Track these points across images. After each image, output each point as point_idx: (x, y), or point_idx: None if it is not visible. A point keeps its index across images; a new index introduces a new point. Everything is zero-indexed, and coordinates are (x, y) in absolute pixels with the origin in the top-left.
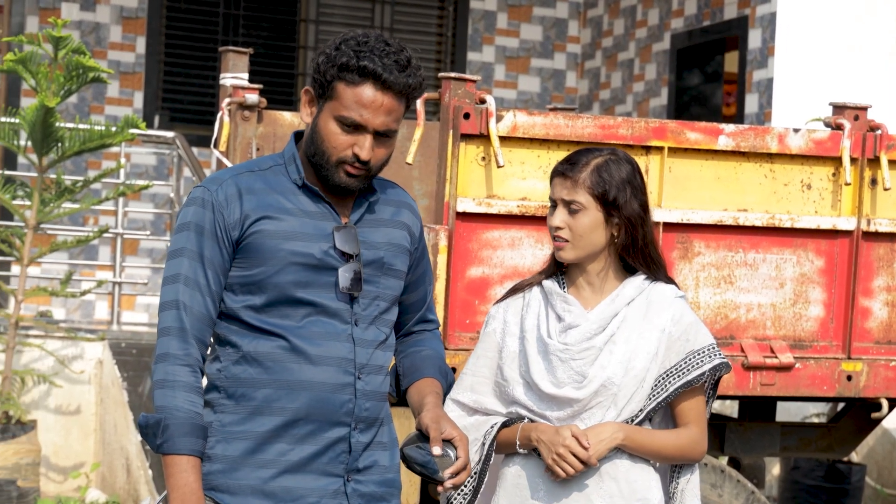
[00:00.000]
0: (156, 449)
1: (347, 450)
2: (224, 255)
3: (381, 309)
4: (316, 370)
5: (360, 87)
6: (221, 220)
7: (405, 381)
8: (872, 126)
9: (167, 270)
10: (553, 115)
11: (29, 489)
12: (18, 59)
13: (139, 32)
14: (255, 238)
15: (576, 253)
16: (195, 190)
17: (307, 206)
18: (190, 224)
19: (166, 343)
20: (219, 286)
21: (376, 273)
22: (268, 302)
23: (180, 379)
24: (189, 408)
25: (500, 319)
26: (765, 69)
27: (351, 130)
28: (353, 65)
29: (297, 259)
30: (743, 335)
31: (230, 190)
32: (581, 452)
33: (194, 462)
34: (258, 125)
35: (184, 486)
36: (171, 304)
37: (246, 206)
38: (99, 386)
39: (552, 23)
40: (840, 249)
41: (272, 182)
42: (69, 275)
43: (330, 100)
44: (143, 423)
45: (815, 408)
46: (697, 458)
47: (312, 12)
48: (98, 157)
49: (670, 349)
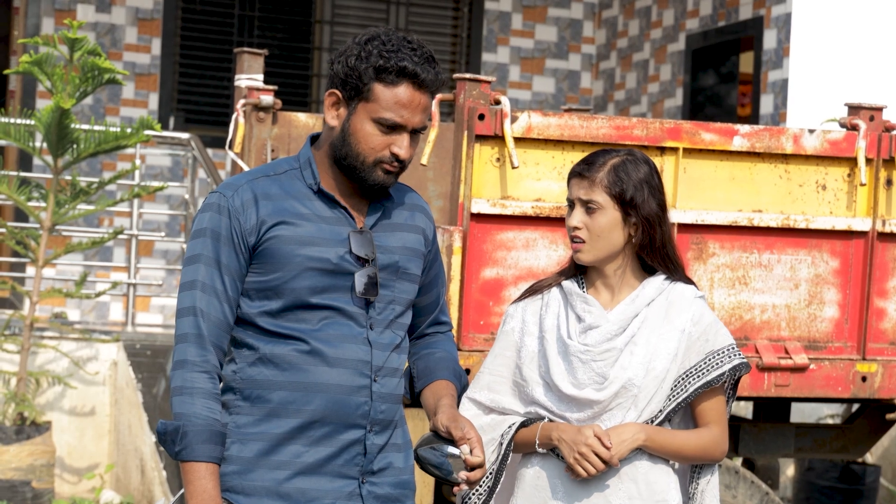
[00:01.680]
0: (174, 456)
1: (363, 452)
2: (241, 260)
3: (397, 313)
4: (332, 372)
5: (398, 87)
6: (238, 225)
7: (419, 383)
8: (888, 126)
9: (184, 276)
10: (568, 116)
11: (43, 490)
12: (34, 61)
13: (154, 34)
14: (272, 244)
15: (594, 254)
16: (211, 196)
17: (323, 212)
18: (206, 230)
19: (184, 350)
20: (236, 292)
21: (391, 277)
22: (284, 307)
23: (198, 386)
24: (207, 414)
25: (518, 318)
26: (780, 69)
27: (388, 131)
28: (391, 66)
29: (313, 264)
30: (757, 336)
31: (246, 196)
32: (603, 452)
33: (213, 469)
34: (273, 126)
35: (202, 492)
36: (189, 311)
37: (262, 211)
38: (113, 387)
39: (567, 23)
40: (855, 250)
41: (288, 187)
42: (84, 276)
43: (366, 101)
44: (161, 430)
45: (829, 409)
46: (719, 458)
47: (327, 13)
48: (113, 159)
49: (690, 349)
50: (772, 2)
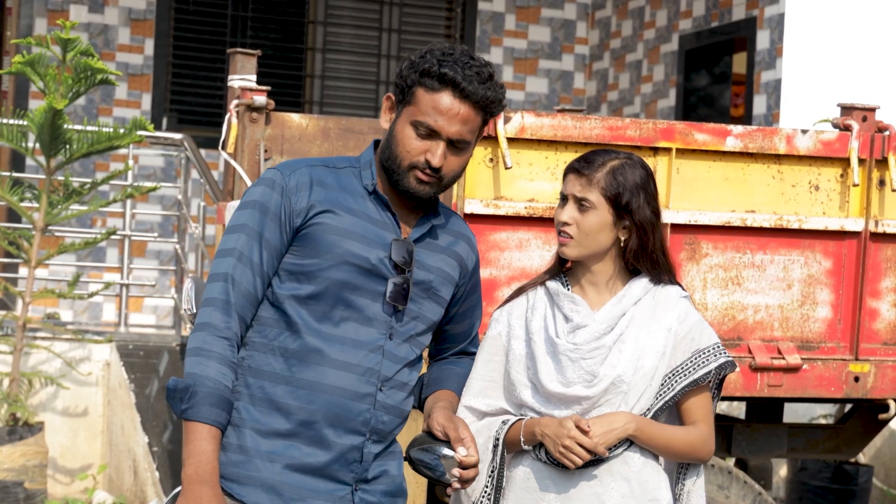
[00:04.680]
0: (179, 414)
1: (359, 459)
2: (283, 239)
3: (419, 330)
4: (338, 375)
5: (439, 93)
6: (288, 204)
7: (426, 390)
8: (881, 127)
9: (223, 244)
10: (561, 117)
11: (36, 491)
12: (27, 61)
13: (147, 34)
14: (316, 230)
15: (579, 251)
16: (268, 171)
17: (372, 212)
18: (256, 203)
19: (209, 313)
20: (271, 269)
21: (422, 294)
22: (313, 294)
23: (216, 350)
24: (219, 379)
25: (504, 323)
26: (773, 70)
27: (425, 136)
28: (434, 71)
29: (352, 259)
30: (750, 336)
31: (303, 178)
32: (587, 442)
33: (215, 432)
34: (266, 127)
35: (200, 453)
36: (221, 277)
37: (314, 196)
38: (106, 388)
39: (560, 24)
40: (848, 250)
41: (344, 181)
42: (77, 277)
43: (409, 105)
44: (171, 386)
45: (822, 409)
46: (706, 457)
47: (321, 14)
48: (106, 159)
49: (677, 348)
50: (765, 2)
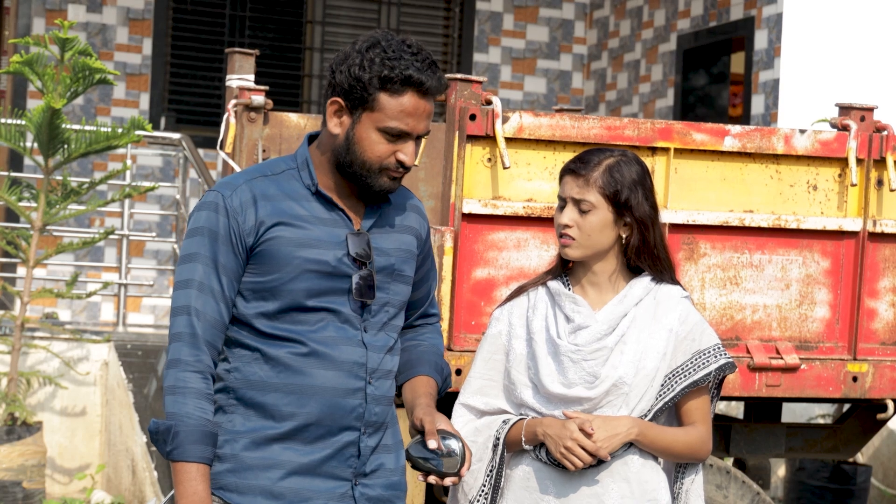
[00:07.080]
0: (166, 456)
1: (356, 454)
2: (238, 261)
3: (391, 315)
4: (328, 375)
5: (403, 96)
6: (236, 225)
7: (401, 377)
8: (879, 127)
9: (179, 275)
10: (559, 117)
11: (34, 490)
12: (25, 61)
13: (145, 34)
14: (271, 245)
15: (582, 251)
16: (208, 194)
17: (320, 213)
18: (203, 229)
19: (178, 349)
20: (232, 292)
21: (387, 279)
22: (280, 308)
23: (191, 385)
24: (199, 415)
25: (504, 322)
26: (771, 70)
27: (394, 139)
28: (395, 75)
29: (311, 266)
30: (748, 336)
31: (245, 196)
32: (589, 445)
33: (203, 470)
34: (264, 127)
35: (192, 494)
36: (183, 310)
37: (261, 212)
38: (104, 387)
39: (558, 24)
40: (846, 250)
41: (285, 187)
42: (75, 276)
43: (371, 111)
44: (153, 429)
45: (820, 409)
46: (703, 458)
47: (319, 14)
48: (104, 159)
49: (677, 349)
50: (763, 2)
